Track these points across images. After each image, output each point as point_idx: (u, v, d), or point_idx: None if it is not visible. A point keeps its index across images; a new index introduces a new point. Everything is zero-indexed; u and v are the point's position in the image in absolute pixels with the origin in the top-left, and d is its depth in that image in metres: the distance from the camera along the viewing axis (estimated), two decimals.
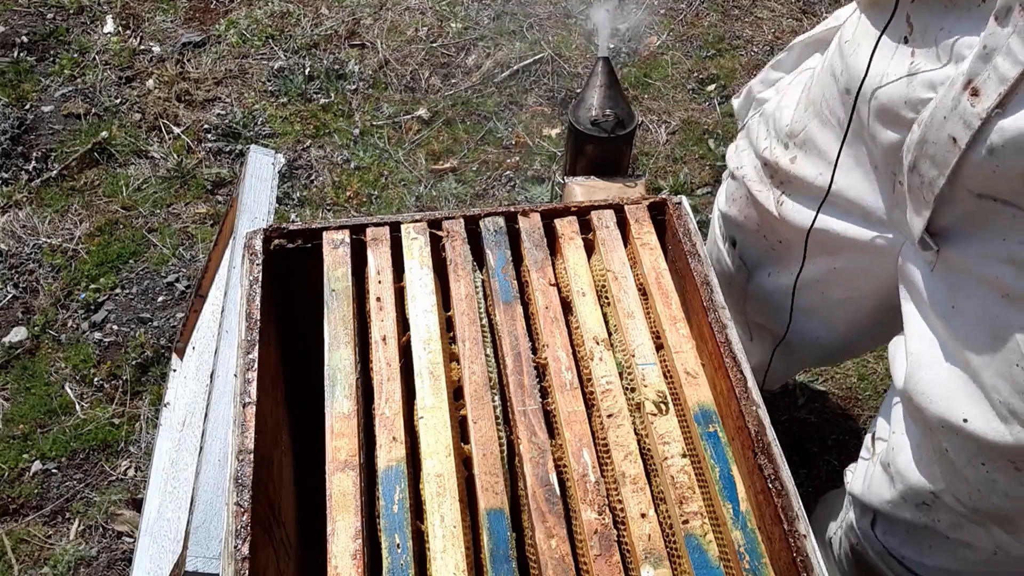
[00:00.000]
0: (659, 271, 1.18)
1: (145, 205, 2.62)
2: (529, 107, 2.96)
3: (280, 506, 1.11)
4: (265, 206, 1.52)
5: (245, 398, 1.04)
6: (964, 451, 1.13)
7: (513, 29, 3.22)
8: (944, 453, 1.16)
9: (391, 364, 1.08)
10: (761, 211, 1.53)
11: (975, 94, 0.97)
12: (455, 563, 0.91)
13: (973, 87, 0.98)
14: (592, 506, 0.95)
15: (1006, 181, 1.00)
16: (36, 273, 2.44)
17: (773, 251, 1.55)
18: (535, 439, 1.01)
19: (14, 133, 2.78)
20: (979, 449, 1.11)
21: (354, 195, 2.67)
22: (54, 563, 1.91)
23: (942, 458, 1.18)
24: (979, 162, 1.00)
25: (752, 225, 1.57)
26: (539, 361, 1.10)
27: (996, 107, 0.95)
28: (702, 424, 1.03)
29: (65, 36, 3.15)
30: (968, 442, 1.12)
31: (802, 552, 0.92)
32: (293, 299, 1.25)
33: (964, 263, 1.10)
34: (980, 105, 0.97)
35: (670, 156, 2.83)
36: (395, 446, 1.00)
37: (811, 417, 2.22)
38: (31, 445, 2.09)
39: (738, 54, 3.17)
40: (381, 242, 1.20)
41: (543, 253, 1.21)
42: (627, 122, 1.74)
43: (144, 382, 2.22)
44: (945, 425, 1.13)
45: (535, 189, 2.70)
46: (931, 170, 1.07)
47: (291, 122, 2.88)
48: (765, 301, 1.62)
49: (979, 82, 0.97)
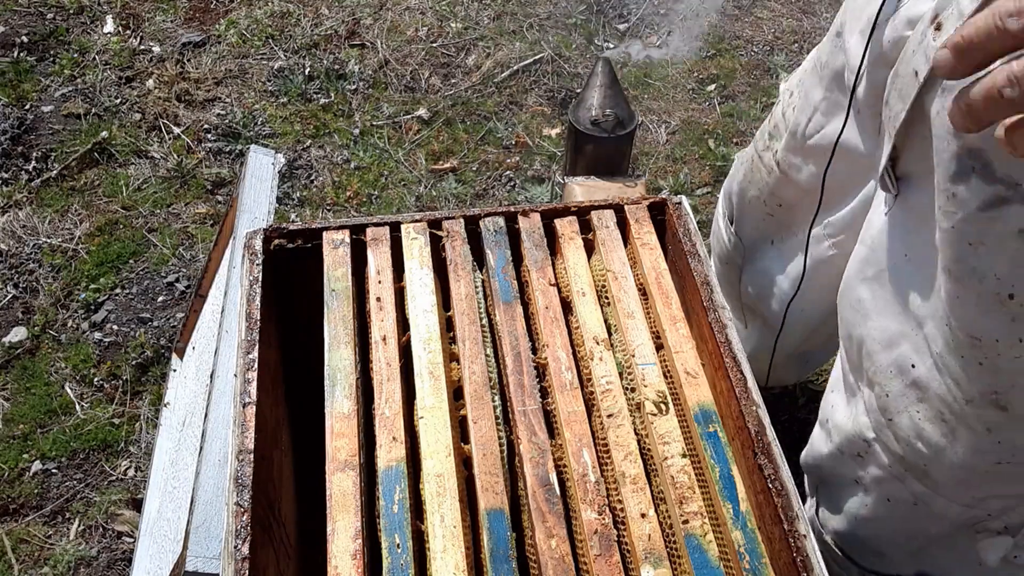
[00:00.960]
0: (659, 271, 1.18)
1: (145, 205, 2.62)
2: (529, 107, 2.96)
3: (280, 506, 1.11)
4: (265, 206, 1.52)
5: (245, 398, 1.04)
6: (903, 397, 1.13)
7: (513, 29, 3.22)
8: (884, 398, 1.16)
9: (391, 364, 1.08)
10: (758, 169, 1.56)
11: (938, 28, 0.97)
12: (455, 563, 0.91)
13: (938, 21, 0.97)
14: (592, 506, 0.95)
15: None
16: (36, 273, 2.44)
17: (771, 217, 1.55)
18: (535, 439, 1.01)
19: (14, 133, 2.78)
20: (917, 398, 1.12)
21: (354, 195, 2.67)
22: (54, 563, 1.91)
23: (881, 404, 1.18)
24: (934, 98, 0.97)
25: (753, 190, 1.59)
26: (539, 361, 1.10)
27: None
28: (702, 424, 1.03)
29: (65, 36, 3.15)
30: (908, 389, 1.12)
31: (802, 552, 0.92)
32: (293, 299, 1.25)
33: (919, 210, 1.06)
34: (940, 39, 0.94)
35: (670, 156, 2.83)
36: (395, 446, 1.00)
37: (811, 417, 2.22)
38: (31, 445, 2.09)
39: (738, 54, 3.17)
40: (381, 242, 1.20)
41: (543, 253, 1.21)
42: (627, 122, 1.74)
43: (144, 382, 2.22)
44: (893, 370, 1.13)
45: (535, 189, 2.71)
46: (897, 103, 1.04)
47: (291, 122, 2.88)
48: (761, 280, 1.64)
49: (943, 16, 0.97)
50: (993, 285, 0.93)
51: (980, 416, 1.05)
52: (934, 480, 1.17)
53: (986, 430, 1.06)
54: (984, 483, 1.14)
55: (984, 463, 1.11)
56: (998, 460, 1.10)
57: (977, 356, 1.00)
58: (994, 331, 0.96)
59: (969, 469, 1.12)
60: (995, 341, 0.97)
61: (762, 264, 1.67)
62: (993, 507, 1.18)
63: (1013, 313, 0.94)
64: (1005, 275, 0.92)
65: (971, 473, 1.13)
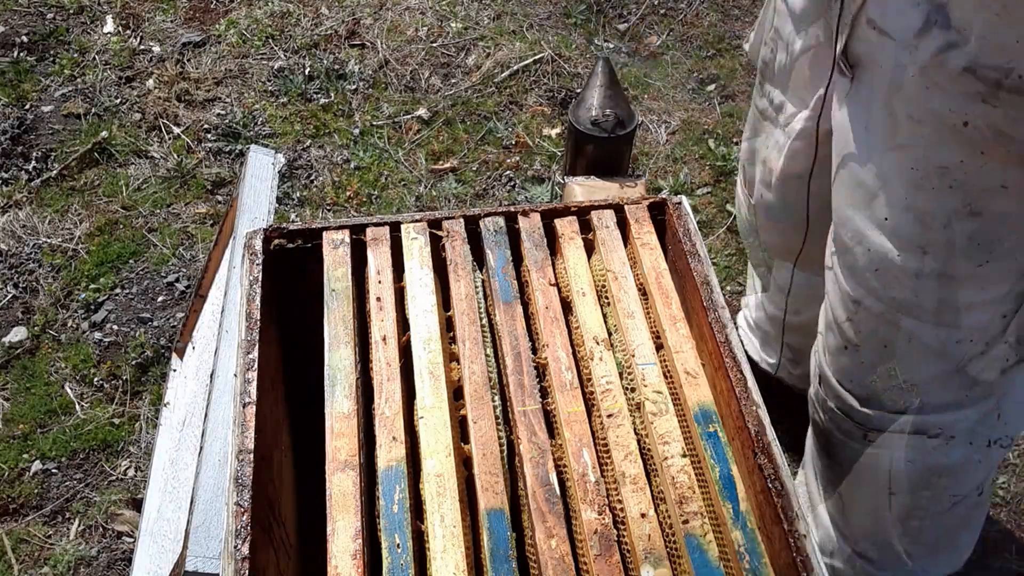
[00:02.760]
0: (659, 271, 1.18)
1: (145, 205, 2.62)
2: (529, 107, 2.96)
3: (280, 506, 1.11)
4: (265, 206, 1.52)
5: (245, 398, 1.04)
6: (879, 256, 1.30)
7: (513, 29, 3.22)
8: (867, 252, 1.32)
9: (391, 364, 1.08)
10: (760, 122, 1.68)
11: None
12: (455, 563, 0.91)
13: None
14: (592, 506, 0.96)
15: None
16: (36, 273, 2.44)
17: (769, 111, 1.66)
18: (535, 439, 1.01)
19: (14, 133, 2.78)
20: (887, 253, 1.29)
21: (354, 195, 2.67)
22: (54, 563, 1.92)
23: (864, 261, 1.34)
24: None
25: (758, 143, 1.70)
26: (539, 361, 1.10)
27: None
28: (702, 424, 1.03)
29: (65, 36, 3.15)
30: (873, 254, 1.30)
31: (802, 552, 0.92)
32: (293, 299, 1.25)
33: (871, 85, 1.25)
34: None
35: (670, 156, 2.83)
36: (395, 446, 1.00)
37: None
38: (31, 445, 2.10)
39: (738, 54, 3.17)
40: (381, 242, 1.20)
41: (543, 253, 1.21)
42: (627, 122, 1.74)
43: (144, 382, 2.22)
44: (872, 225, 1.30)
45: (535, 189, 2.71)
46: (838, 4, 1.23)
47: (291, 122, 2.88)
48: (774, 203, 1.72)
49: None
50: (949, 117, 1.14)
51: (960, 230, 1.22)
52: (921, 307, 1.31)
53: (967, 239, 1.23)
54: (965, 293, 1.28)
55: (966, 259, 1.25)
56: (981, 263, 1.25)
57: (947, 182, 1.20)
58: (957, 154, 1.17)
59: (949, 277, 1.27)
60: (960, 162, 1.17)
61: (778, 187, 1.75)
62: (971, 321, 1.30)
63: (968, 135, 1.14)
64: (958, 107, 1.13)
65: (951, 282, 1.27)
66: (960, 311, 1.30)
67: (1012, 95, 1.08)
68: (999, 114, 1.10)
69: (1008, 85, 1.07)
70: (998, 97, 1.09)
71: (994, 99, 1.09)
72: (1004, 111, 1.10)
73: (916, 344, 1.35)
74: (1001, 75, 1.07)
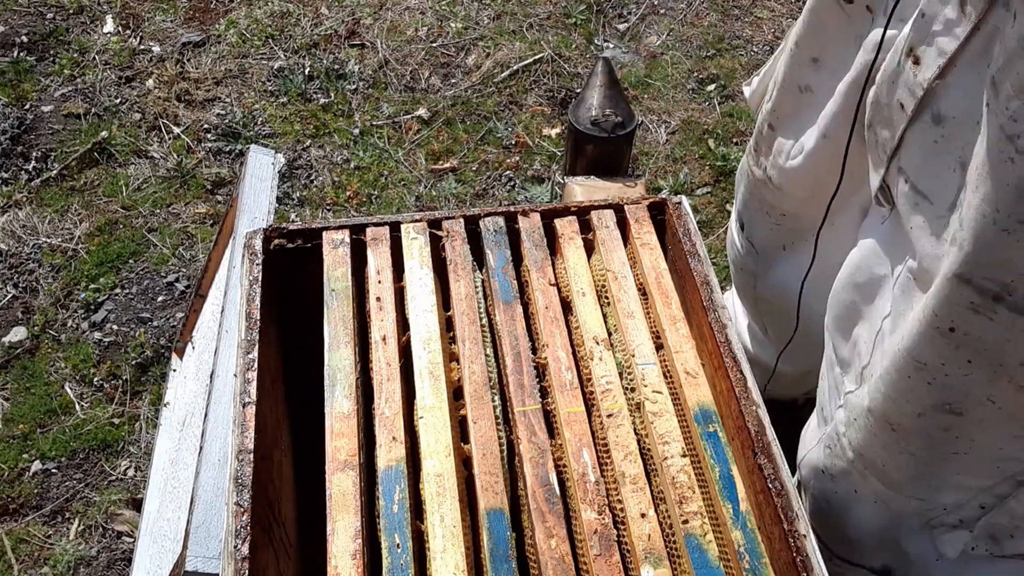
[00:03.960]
0: (659, 271, 1.18)
1: (145, 205, 2.62)
2: (529, 107, 2.96)
3: (280, 506, 1.11)
4: (265, 206, 1.52)
5: (245, 398, 1.04)
6: (859, 403, 1.23)
7: (513, 29, 3.22)
8: (849, 396, 1.26)
9: (391, 364, 1.08)
10: (756, 183, 1.57)
11: (916, 63, 1.01)
12: (455, 563, 0.91)
13: (915, 55, 1.01)
14: (592, 506, 0.95)
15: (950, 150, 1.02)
16: (36, 273, 2.44)
17: (779, 226, 1.57)
18: (535, 439, 1.01)
19: (14, 133, 2.78)
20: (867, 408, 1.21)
21: (354, 195, 2.67)
22: (54, 563, 1.92)
23: (847, 411, 1.28)
24: (925, 129, 1.02)
25: (755, 202, 1.59)
26: (539, 361, 1.10)
27: (936, 78, 0.99)
28: (702, 424, 1.03)
29: (65, 36, 3.15)
30: (855, 404, 1.23)
31: (802, 552, 0.92)
32: (293, 299, 1.25)
33: (910, 224, 1.12)
34: (921, 74, 1.01)
35: (670, 156, 2.83)
36: (395, 446, 1.00)
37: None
38: (31, 445, 2.10)
39: (738, 54, 3.17)
40: (381, 242, 1.20)
41: (543, 253, 1.21)
42: (627, 122, 1.74)
43: (144, 382, 2.22)
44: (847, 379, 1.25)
45: (535, 189, 2.71)
46: (884, 131, 1.11)
47: (291, 122, 2.88)
48: (774, 291, 1.64)
49: (920, 51, 1.00)
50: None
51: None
52: (891, 479, 1.22)
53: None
54: (938, 474, 1.20)
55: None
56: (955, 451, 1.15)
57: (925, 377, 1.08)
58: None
59: (924, 463, 1.18)
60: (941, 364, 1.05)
61: (777, 270, 1.67)
62: (947, 501, 1.22)
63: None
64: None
65: (926, 466, 1.19)
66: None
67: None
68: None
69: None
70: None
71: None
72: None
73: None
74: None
